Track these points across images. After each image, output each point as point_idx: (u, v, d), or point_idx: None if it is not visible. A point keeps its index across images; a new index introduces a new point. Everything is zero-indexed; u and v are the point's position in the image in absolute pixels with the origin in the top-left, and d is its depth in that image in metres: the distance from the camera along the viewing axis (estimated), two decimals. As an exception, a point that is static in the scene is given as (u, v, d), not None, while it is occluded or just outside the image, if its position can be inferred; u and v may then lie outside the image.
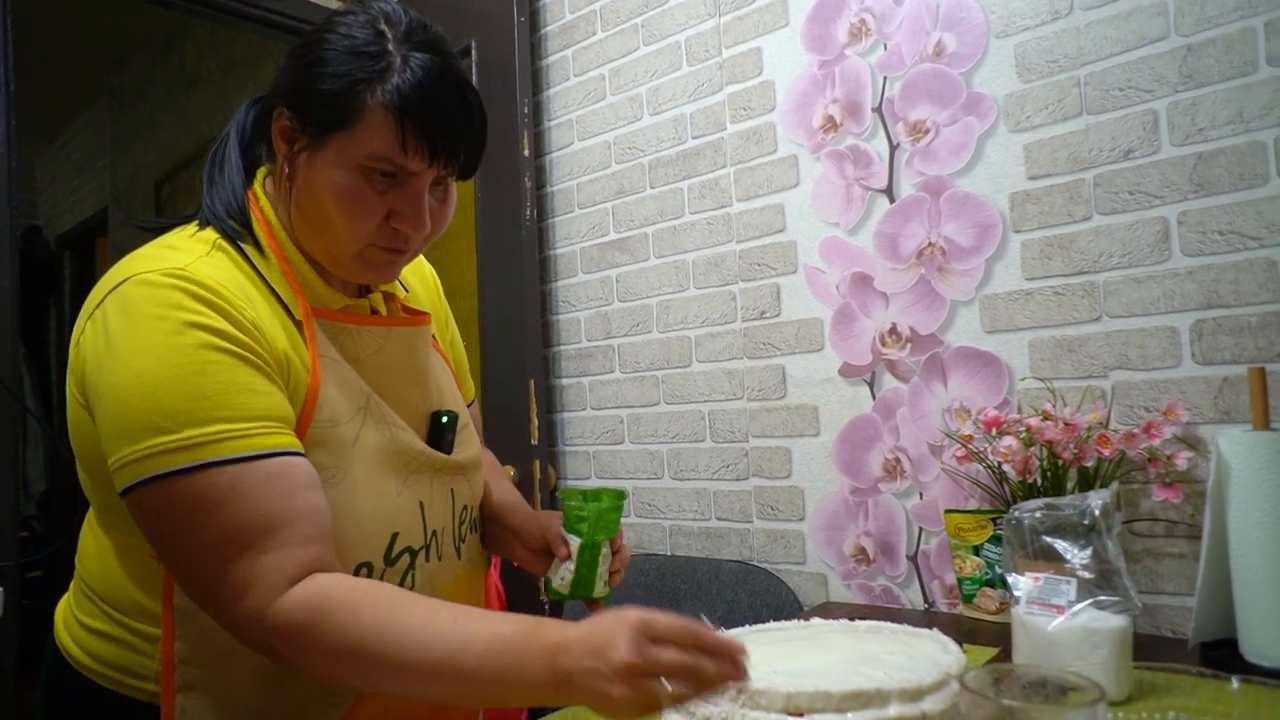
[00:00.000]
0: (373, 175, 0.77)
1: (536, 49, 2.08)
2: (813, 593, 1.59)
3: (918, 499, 1.46)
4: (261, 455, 0.72)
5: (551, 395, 2.05)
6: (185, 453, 0.70)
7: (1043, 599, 0.91)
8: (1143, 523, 1.23)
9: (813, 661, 0.77)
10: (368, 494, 0.81)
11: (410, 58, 0.76)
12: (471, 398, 1.12)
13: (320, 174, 0.78)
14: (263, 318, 0.77)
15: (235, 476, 0.71)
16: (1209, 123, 1.18)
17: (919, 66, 1.46)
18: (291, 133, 0.80)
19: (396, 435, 0.85)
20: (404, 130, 0.75)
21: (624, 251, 1.91)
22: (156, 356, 0.71)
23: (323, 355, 0.81)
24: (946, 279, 1.42)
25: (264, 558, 0.71)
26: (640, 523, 1.87)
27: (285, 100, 0.80)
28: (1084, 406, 1.27)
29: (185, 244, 0.79)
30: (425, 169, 0.78)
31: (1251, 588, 0.95)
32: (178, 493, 0.70)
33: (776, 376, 1.64)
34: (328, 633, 0.70)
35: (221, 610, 0.73)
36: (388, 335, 0.88)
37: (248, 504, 0.71)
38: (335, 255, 0.82)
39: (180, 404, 0.71)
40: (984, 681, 0.56)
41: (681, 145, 1.80)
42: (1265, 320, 1.14)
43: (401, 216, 0.80)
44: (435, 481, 0.89)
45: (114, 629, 0.82)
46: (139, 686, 0.81)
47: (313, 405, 0.78)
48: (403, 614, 0.70)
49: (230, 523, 0.71)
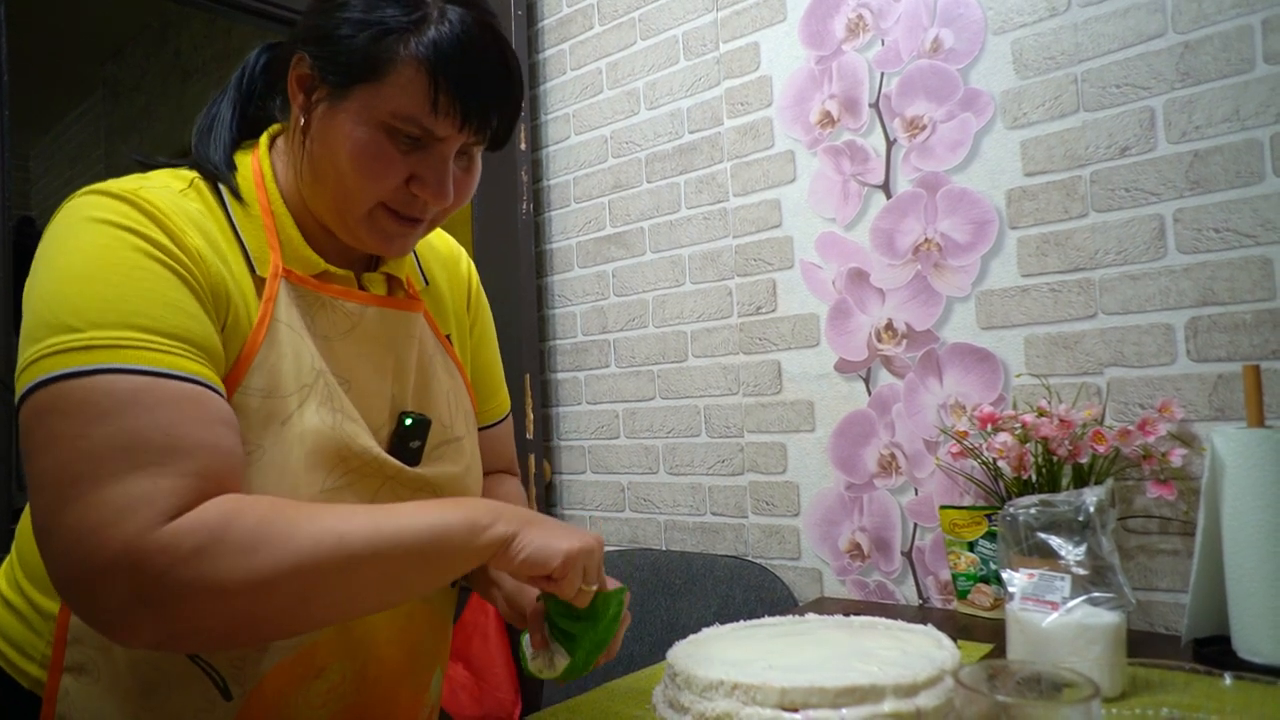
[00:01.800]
0: (397, 135, 0.71)
1: (533, 42, 2.07)
2: (807, 588, 1.59)
3: (913, 495, 1.46)
4: (176, 375, 0.62)
5: (547, 390, 2.05)
6: (85, 353, 0.60)
7: (1037, 595, 0.92)
8: (1137, 519, 1.23)
9: (807, 657, 0.77)
10: (284, 481, 0.70)
11: (448, 9, 0.70)
12: (499, 416, 1.03)
13: (339, 128, 0.71)
14: (211, 251, 0.70)
15: (140, 388, 0.60)
16: (1205, 120, 1.18)
17: (916, 62, 1.45)
18: (311, 81, 0.73)
19: (341, 425, 0.73)
20: (436, 89, 0.69)
21: (620, 246, 1.90)
22: (84, 255, 0.64)
23: (278, 319, 0.72)
24: (942, 275, 1.42)
25: (160, 481, 0.59)
26: (635, 517, 1.87)
27: (307, 45, 0.73)
28: (1079, 403, 1.27)
29: (160, 175, 0.74)
30: (454, 134, 0.72)
31: (1245, 584, 0.95)
32: (65, 395, 0.59)
33: (772, 372, 1.64)
34: (226, 551, 0.59)
35: (79, 539, 0.58)
36: (362, 313, 0.78)
37: (148, 419, 0.60)
38: (344, 216, 0.75)
39: (94, 302, 0.62)
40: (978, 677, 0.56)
41: (678, 140, 1.79)
42: (1260, 318, 1.14)
43: (423, 182, 0.73)
44: (385, 490, 0.77)
45: (18, 599, 0.76)
46: (22, 668, 0.74)
47: (245, 367, 0.69)
48: (321, 511, 0.64)
49: (123, 435, 0.59)
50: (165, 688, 0.71)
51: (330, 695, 0.78)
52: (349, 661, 0.79)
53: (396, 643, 0.83)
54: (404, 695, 0.87)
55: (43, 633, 0.74)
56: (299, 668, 0.75)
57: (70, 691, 0.71)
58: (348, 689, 0.80)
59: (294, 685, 0.76)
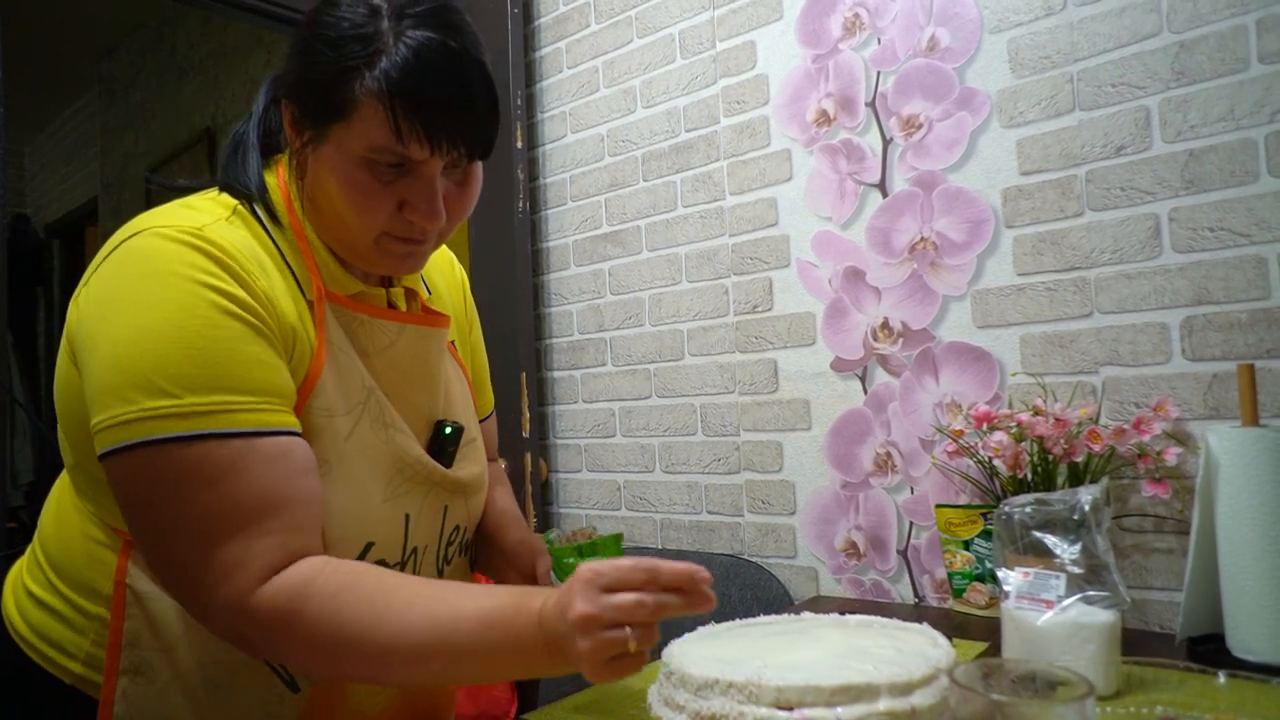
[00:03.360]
0: (377, 167, 0.73)
1: (530, 41, 2.07)
2: (803, 587, 1.59)
3: (908, 494, 1.46)
4: (266, 433, 0.68)
5: (543, 388, 2.05)
6: (185, 420, 0.66)
7: (1032, 594, 0.92)
8: (1132, 518, 1.23)
9: (803, 656, 0.77)
10: (350, 495, 0.76)
11: (403, 36, 0.71)
12: (489, 411, 1.07)
13: (325, 168, 0.74)
14: (276, 289, 0.73)
15: (237, 453, 0.67)
16: (1200, 120, 1.19)
17: (912, 61, 1.45)
18: (298, 125, 0.76)
19: (394, 438, 0.80)
20: (395, 118, 0.70)
21: (617, 244, 1.90)
22: (164, 314, 0.67)
23: (330, 340, 0.77)
24: (938, 274, 1.42)
25: (255, 542, 0.67)
26: (631, 516, 1.87)
27: (286, 91, 0.77)
28: (1074, 402, 1.28)
29: (205, 205, 0.76)
30: (428, 157, 0.73)
31: (1239, 583, 0.95)
32: (171, 462, 0.66)
33: (768, 370, 1.64)
34: (308, 621, 0.66)
35: (196, 593, 0.68)
36: (400, 332, 0.83)
37: (246, 483, 0.67)
38: (352, 247, 0.78)
39: (185, 367, 0.66)
40: (973, 676, 0.57)
41: (675, 138, 1.79)
42: (1255, 317, 1.15)
43: (413, 207, 0.75)
44: (429, 495, 0.83)
45: (55, 600, 0.78)
46: (65, 665, 0.76)
47: (311, 389, 0.74)
48: (385, 597, 0.68)
49: (224, 501, 0.67)
50: (231, 684, 0.75)
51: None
52: None
53: None
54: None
55: (86, 632, 0.76)
56: None
57: (128, 693, 0.73)
58: None
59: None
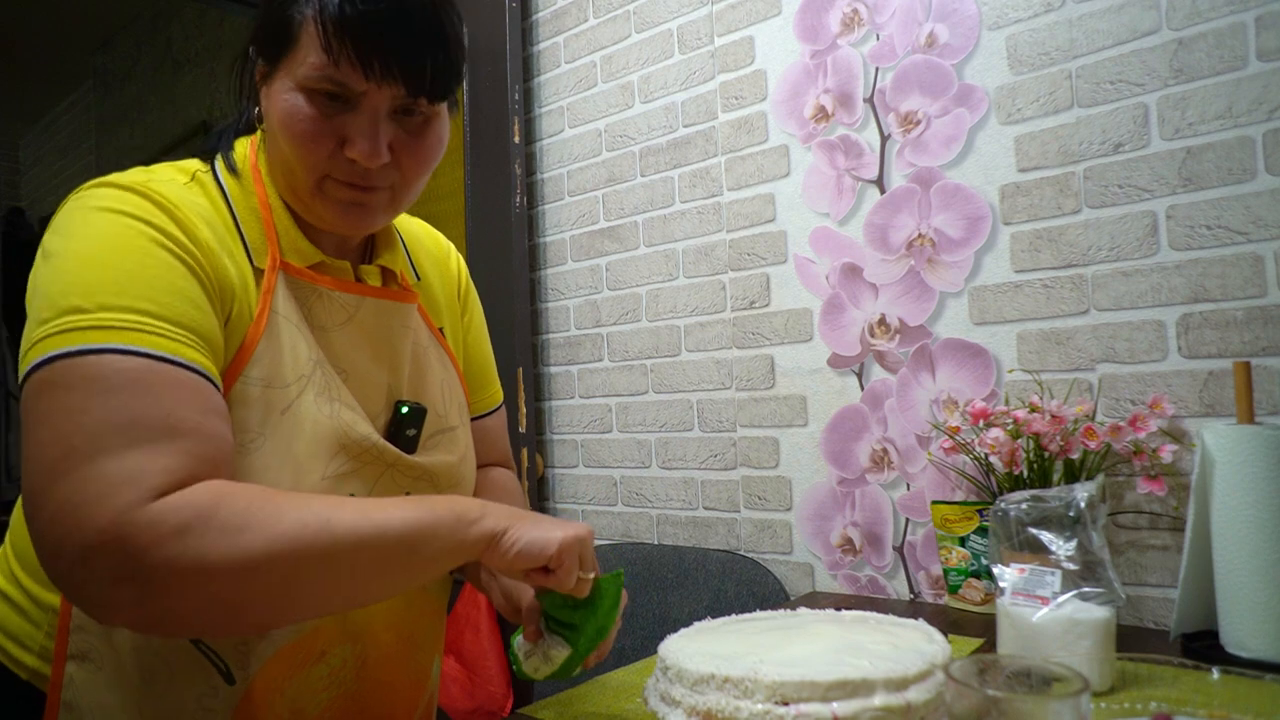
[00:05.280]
0: (316, 96, 0.71)
1: (527, 35, 2.06)
2: (799, 582, 1.59)
3: (904, 490, 1.46)
4: (179, 362, 0.63)
5: (540, 383, 2.05)
6: (92, 332, 0.61)
7: (1027, 590, 0.92)
8: (1127, 515, 1.24)
9: (799, 651, 0.77)
10: (283, 469, 0.71)
11: None
12: (494, 405, 1.05)
13: (272, 102, 0.73)
14: (219, 246, 0.72)
15: (143, 369, 0.62)
16: (1198, 117, 1.19)
17: (911, 57, 1.45)
18: (259, 71, 0.76)
19: (339, 413, 0.75)
20: (326, 34, 0.69)
21: (614, 240, 1.90)
22: (95, 241, 0.65)
23: (276, 310, 0.74)
24: (936, 270, 1.42)
25: (156, 460, 0.59)
26: (628, 511, 1.87)
27: (251, 41, 0.77)
28: (1071, 399, 1.28)
29: (162, 169, 0.76)
30: (368, 86, 0.71)
31: (1233, 580, 0.96)
32: (70, 371, 0.60)
33: (765, 366, 1.64)
34: (219, 522, 0.59)
35: (69, 512, 0.57)
36: (359, 305, 0.80)
37: (149, 399, 0.61)
38: (297, 193, 0.76)
39: (103, 285, 0.63)
40: (969, 671, 0.57)
41: (672, 134, 1.79)
42: (1251, 315, 1.15)
43: (351, 144, 0.72)
44: (383, 478, 0.79)
45: (14, 590, 0.77)
46: (20, 659, 0.75)
47: (246, 358, 0.71)
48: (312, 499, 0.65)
49: (123, 412, 0.60)
50: (168, 674, 0.72)
51: (331, 680, 0.80)
52: (350, 646, 0.80)
53: (395, 629, 0.85)
54: (404, 682, 0.88)
55: (40, 624, 0.75)
56: (300, 652, 0.77)
57: (75, 679, 0.72)
58: (349, 674, 0.81)
59: (296, 669, 0.77)
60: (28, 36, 3.89)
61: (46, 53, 4.12)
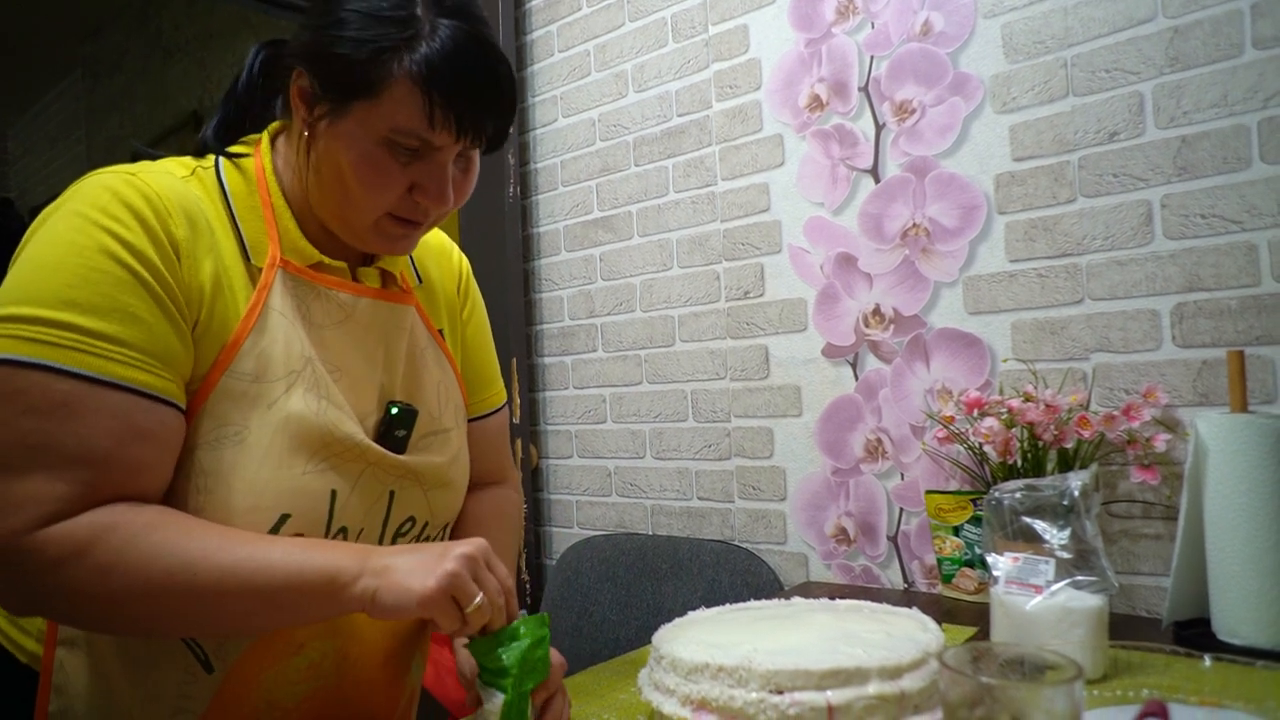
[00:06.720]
0: (397, 148, 0.74)
1: (520, 24, 2.05)
2: (793, 572, 1.59)
3: (899, 480, 1.47)
4: (109, 383, 0.65)
5: (534, 374, 2.04)
6: (25, 344, 0.64)
7: (1021, 579, 0.92)
8: (1120, 504, 1.24)
9: (793, 640, 0.77)
10: (265, 463, 0.72)
11: (439, 25, 0.72)
12: (495, 406, 1.04)
13: (341, 144, 0.74)
14: (200, 244, 0.73)
15: (71, 394, 0.64)
16: (1194, 105, 1.18)
17: (906, 46, 1.45)
18: (311, 96, 0.75)
19: (325, 411, 0.76)
20: (431, 104, 0.72)
21: (608, 230, 1.89)
22: (54, 250, 0.67)
23: (271, 307, 0.75)
24: (930, 260, 1.42)
25: (54, 486, 0.63)
26: (622, 502, 1.87)
27: (304, 62, 0.75)
28: (1065, 388, 1.28)
29: (164, 162, 0.77)
30: (451, 144, 0.75)
31: (1225, 568, 0.96)
32: (3, 380, 0.63)
33: (759, 356, 1.64)
34: (91, 560, 0.63)
35: None
36: (355, 304, 0.82)
37: (70, 426, 0.64)
38: (351, 224, 0.78)
39: (52, 293, 0.65)
40: (962, 659, 0.57)
41: (666, 123, 1.78)
42: (1245, 304, 1.15)
43: (424, 190, 0.76)
44: (366, 475, 0.79)
45: None
46: (20, 643, 0.78)
47: (234, 352, 0.72)
48: (195, 538, 0.67)
49: (39, 435, 0.63)
50: (150, 660, 0.75)
51: (310, 673, 0.80)
52: (329, 640, 0.81)
53: (378, 625, 0.85)
54: (383, 677, 0.88)
55: None
56: (277, 644, 0.78)
57: (65, 664, 0.75)
58: (328, 667, 0.82)
59: (273, 661, 0.78)
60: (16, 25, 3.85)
61: (35, 42, 4.08)
